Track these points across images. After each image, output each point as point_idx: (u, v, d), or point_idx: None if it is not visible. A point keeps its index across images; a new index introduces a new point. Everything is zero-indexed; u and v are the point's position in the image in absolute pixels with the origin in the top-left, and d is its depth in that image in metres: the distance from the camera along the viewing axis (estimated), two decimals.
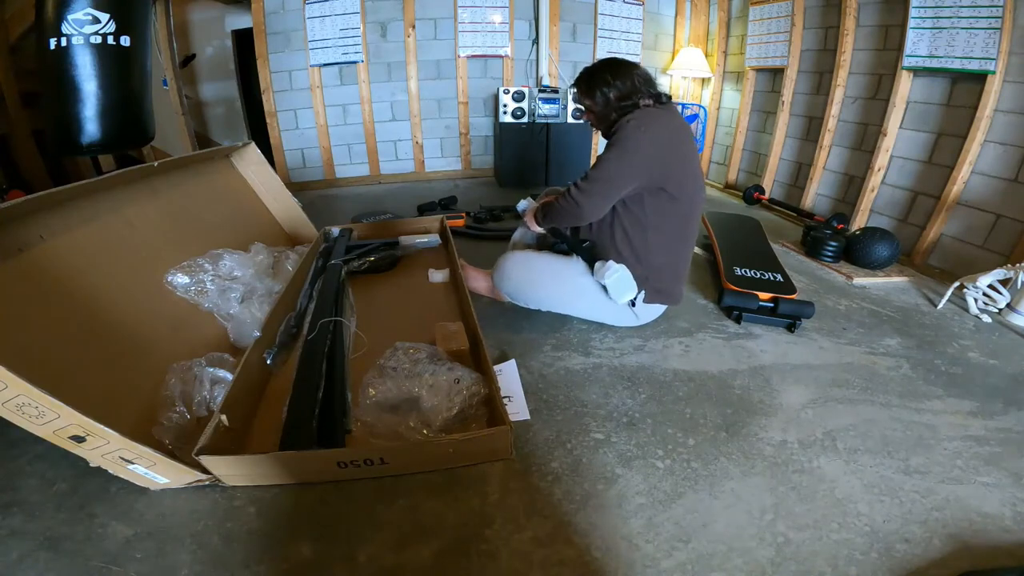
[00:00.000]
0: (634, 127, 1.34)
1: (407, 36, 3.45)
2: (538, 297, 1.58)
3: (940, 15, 2.13)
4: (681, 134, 1.42)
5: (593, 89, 1.44)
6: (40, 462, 1.07)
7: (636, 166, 1.35)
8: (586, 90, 1.47)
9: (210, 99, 4.42)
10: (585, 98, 1.48)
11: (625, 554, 0.90)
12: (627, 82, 1.41)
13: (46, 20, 1.98)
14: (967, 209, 2.15)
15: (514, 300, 1.62)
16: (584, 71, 1.49)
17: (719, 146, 3.88)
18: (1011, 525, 0.97)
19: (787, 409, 1.30)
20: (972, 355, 1.58)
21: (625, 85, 1.41)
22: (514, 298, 1.61)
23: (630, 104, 1.41)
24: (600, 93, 1.43)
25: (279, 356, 1.37)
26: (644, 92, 1.42)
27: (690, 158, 1.44)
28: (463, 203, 3.16)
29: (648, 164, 1.35)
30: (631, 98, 1.41)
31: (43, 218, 1.17)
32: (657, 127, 1.36)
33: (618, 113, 1.42)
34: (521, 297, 1.60)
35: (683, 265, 1.57)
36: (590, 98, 1.46)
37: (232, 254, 1.64)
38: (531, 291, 1.57)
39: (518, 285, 1.57)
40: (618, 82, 1.41)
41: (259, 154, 2.16)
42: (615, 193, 1.40)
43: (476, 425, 1.16)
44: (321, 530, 0.94)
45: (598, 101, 1.44)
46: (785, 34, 3.01)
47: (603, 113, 1.46)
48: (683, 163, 1.41)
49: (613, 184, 1.38)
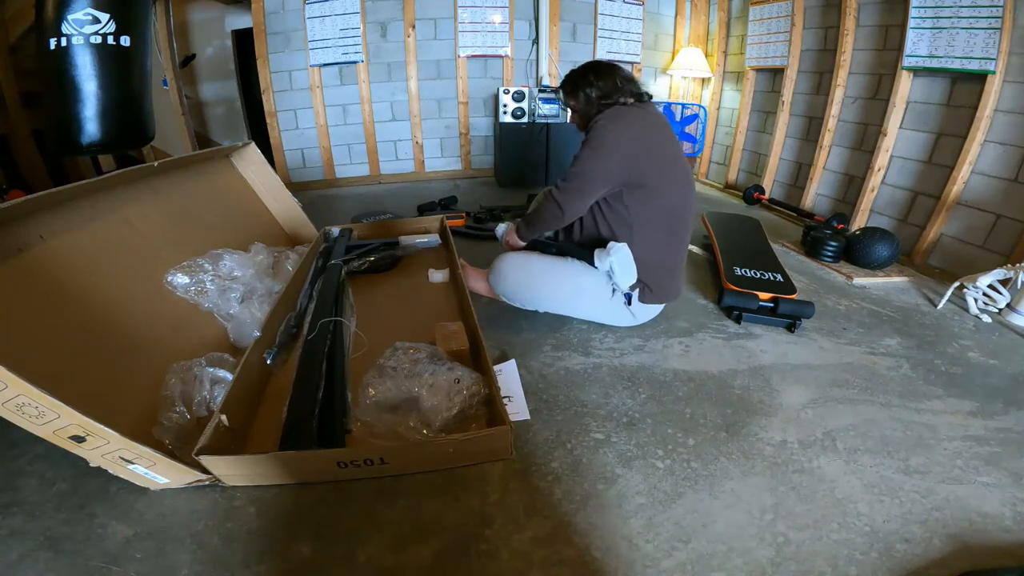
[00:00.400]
0: (602, 124, 1.40)
1: (407, 36, 3.45)
2: (535, 298, 1.58)
3: (940, 15, 2.13)
4: (655, 128, 1.45)
5: (577, 90, 1.50)
6: (40, 462, 1.07)
7: (608, 159, 1.39)
8: (571, 91, 1.53)
9: (210, 99, 4.42)
10: (570, 99, 1.54)
11: (625, 554, 0.90)
12: (608, 82, 1.46)
13: (46, 20, 1.98)
14: (967, 209, 2.15)
15: (511, 301, 1.62)
16: (569, 73, 1.56)
17: (719, 146, 3.88)
18: (1011, 525, 0.97)
19: (787, 409, 1.30)
20: (972, 355, 1.58)
21: (607, 85, 1.46)
22: (511, 299, 1.61)
23: (610, 103, 1.45)
24: (583, 93, 1.49)
25: (279, 356, 1.37)
26: (626, 91, 1.47)
27: (667, 151, 1.46)
28: (463, 203, 3.16)
29: (619, 158, 1.38)
30: (611, 97, 1.46)
31: (43, 218, 1.17)
32: (626, 122, 1.40)
33: (598, 112, 1.46)
34: (518, 298, 1.59)
35: (675, 262, 1.57)
36: (574, 98, 1.52)
37: (232, 254, 1.64)
38: (528, 292, 1.57)
39: (515, 286, 1.57)
40: (600, 82, 1.47)
41: (259, 154, 2.16)
42: (590, 189, 1.42)
43: (476, 425, 1.16)
44: (321, 530, 0.94)
45: (581, 101, 1.50)
46: (785, 34, 3.01)
47: (585, 112, 1.51)
48: (660, 156, 1.43)
49: (587, 179, 1.41)
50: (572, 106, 1.56)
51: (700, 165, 4.07)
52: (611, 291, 1.52)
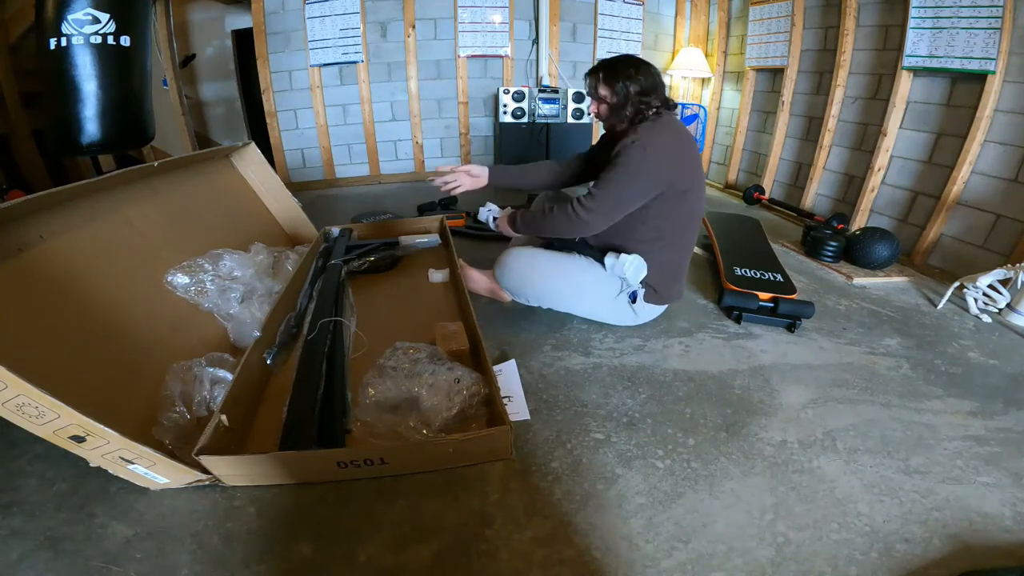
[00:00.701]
0: (639, 148, 1.33)
1: (407, 36, 3.45)
2: (539, 293, 1.57)
3: (940, 15, 2.13)
4: (684, 142, 1.43)
5: (615, 79, 1.40)
6: (40, 462, 1.07)
7: (645, 187, 1.38)
8: (608, 79, 1.42)
9: (210, 99, 4.42)
10: (604, 87, 1.43)
11: (625, 554, 0.90)
12: (649, 79, 1.40)
13: (46, 20, 1.98)
14: (967, 209, 2.15)
15: (515, 296, 1.62)
16: (604, 62, 1.46)
17: (719, 146, 3.88)
18: (1011, 525, 0.97)
19: (787, 409, 1.30)
20: (972, 355, 1.57)
21: (647, 82, 1.40)
22: (515, 294, 1.61)
23: (647, 103, 1.40)
24: (622, 84, 1.40)
25: (279, 356, 1.37)
26: (661, 93, 1.42)
27: (694, 164, 1.45)
28: (463, 203, 3.16)
29: (656, 182, 1.37)
30: (649, 96, 1.40)
31: (43, 218, 1.17)
32: (661, 141, 1.36)
33: (633, 109, 1.41)
34: (522, 293, 1.59)
35: (683, 264, 1.59)
36: (610, 87, 1.42)
37: (232, 254, 1.64)
38: (533, 288, 1.57)
39: (520, 281, 1.57)
40: (641, 77, 1.39)
41: (259, 154, 2.16)
42: (622, 213, 1.41)
43: (476, 425, 1.16)
44: (321, 530, 0.94)
45: (618, 92, 1.41)
46: (785, 34, 3.01)
47: (619, 106, 1.42)
48: (687, 169, 1.42)
49: (622, 206, 1.40)
50: (604, 96, 1.44)
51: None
52: (616, 290, 1.52)
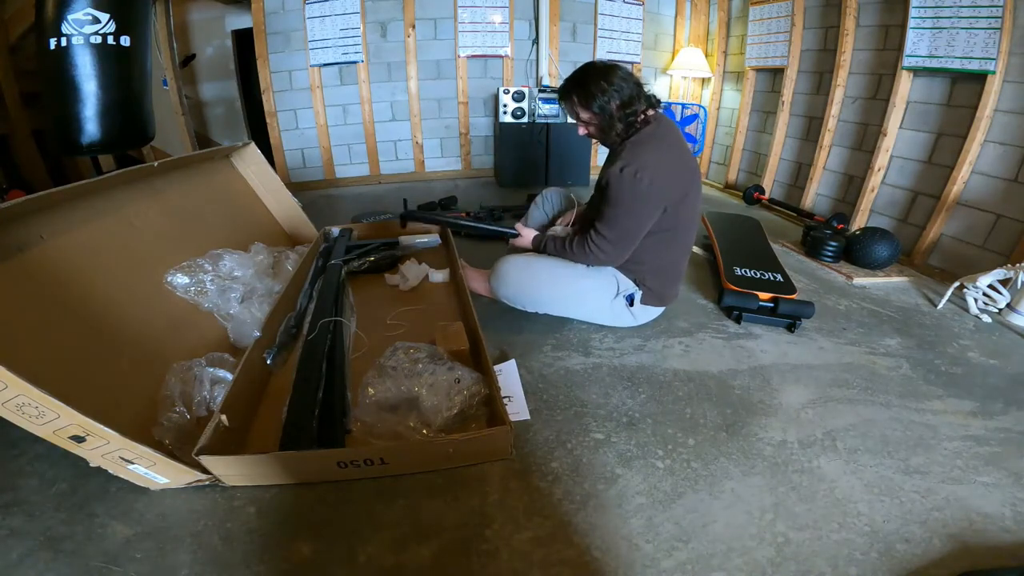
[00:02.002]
0: (630, 175, 1.28)
1: (407, 36, 3.45)
2: (537, 301, 1.57)
3: (940, 15, 2.13)
4: (673, 150, 1.39)
5: (591, 100, 1.32)
6: (40, 462, 1.07)
7: (649, 211, 1.38)
8: (584, 101, 1.34)
9: (210, 99, 4.42)
10: (583, 111, 1.36)
11: (625, 554, 0.90)
12: (624, 87, 1.31)
13: (46, 20, 1.98)
14: (967, 209, 2.15)
15: (512, 304, 1.62)
16: (571, 81, 1.36)
17: (719, 146, 3.88)
18: (1011, 525, 0.97)
19: (787, 409, 1.30)
20: (972, 355, 1.57)
21: (624, 91, 1.31)
22: (512, 302, 1.60)
23: (633, 112, 1.34)
24: (600, 103, 1.31)
25: (279, 356, 1.37)
26: (642, 96, 1.35)
27: (687, 166, 1.42)
28: (463, 203, 3.16)
29: (657, 203, 1.37)
30: (633, 105, 1.33)
31: (43, 218, 1.17)
32: (651, 161, 1.30)
33: (623, 124, 1.34)
34: (519, 301, 1.59)
35: (682, 265, 1.59)
36: (589, 111, 1.34)
37: (232, 254, 1.64)
38: (530, 296, 1.56)
39: (517, 290, 1.56)
40: (615, 89, 1.30)
41: (259, 154, 2.16)
42: (638, 239, 1.43)
43: (476, 425, 1.16)
44: (321, 530, 0.94)
45: (601, 111, 1.33)
46: (785, 34, 3.01)
47: (607, 125, 1.35)
48: (681, 177, 1.40)
49: (633, 235, 1.41)
50: (588, 120, 1.37)
51: (700, 165, 4.07)
52: (613, 294, 1.53)
